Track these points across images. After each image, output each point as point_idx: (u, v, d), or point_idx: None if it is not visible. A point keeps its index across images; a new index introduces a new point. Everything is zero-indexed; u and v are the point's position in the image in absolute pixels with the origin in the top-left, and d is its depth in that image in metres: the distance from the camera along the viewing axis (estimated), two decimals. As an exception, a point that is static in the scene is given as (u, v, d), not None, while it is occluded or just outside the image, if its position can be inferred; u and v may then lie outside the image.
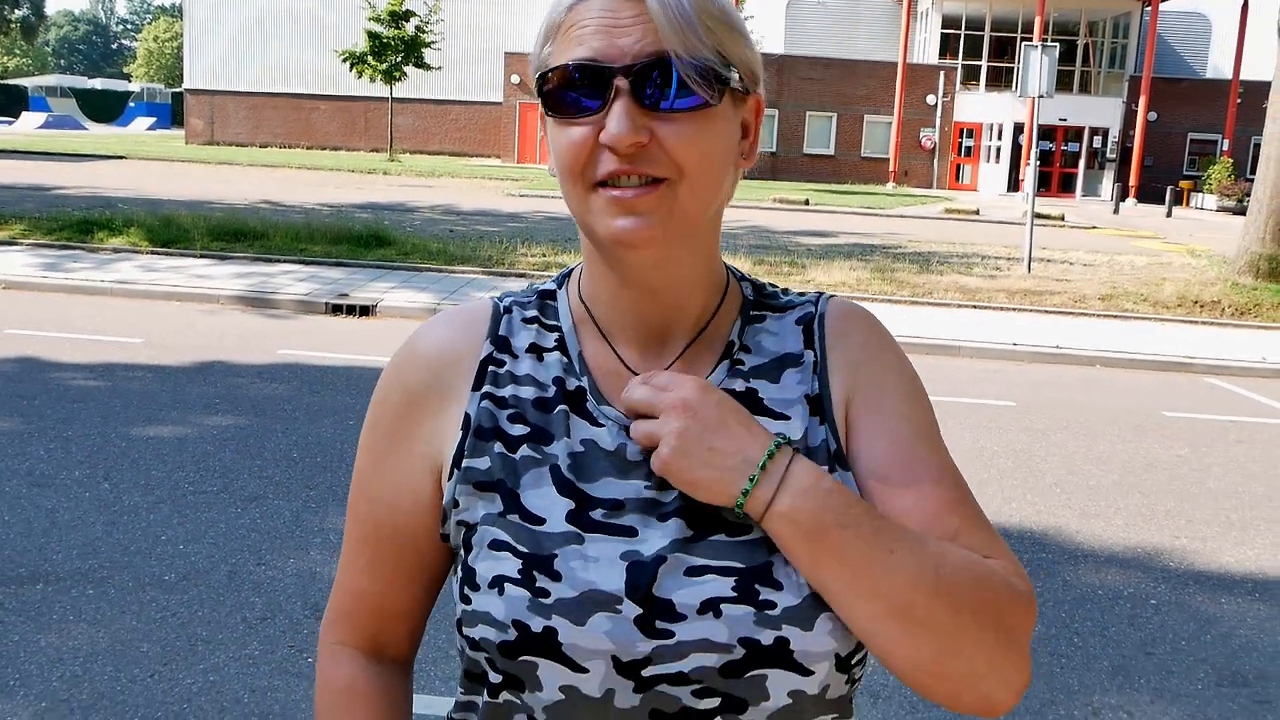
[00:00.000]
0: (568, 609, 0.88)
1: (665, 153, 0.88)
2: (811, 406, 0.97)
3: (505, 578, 0.90)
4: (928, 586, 0.86)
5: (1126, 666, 4.11)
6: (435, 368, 1.00)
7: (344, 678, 1.04)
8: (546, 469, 0.94)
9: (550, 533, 0.91)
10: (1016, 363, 10.01)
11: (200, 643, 3.83)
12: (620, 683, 0.88)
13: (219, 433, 6.30)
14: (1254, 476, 6.80)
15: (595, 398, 0.97)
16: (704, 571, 0.89)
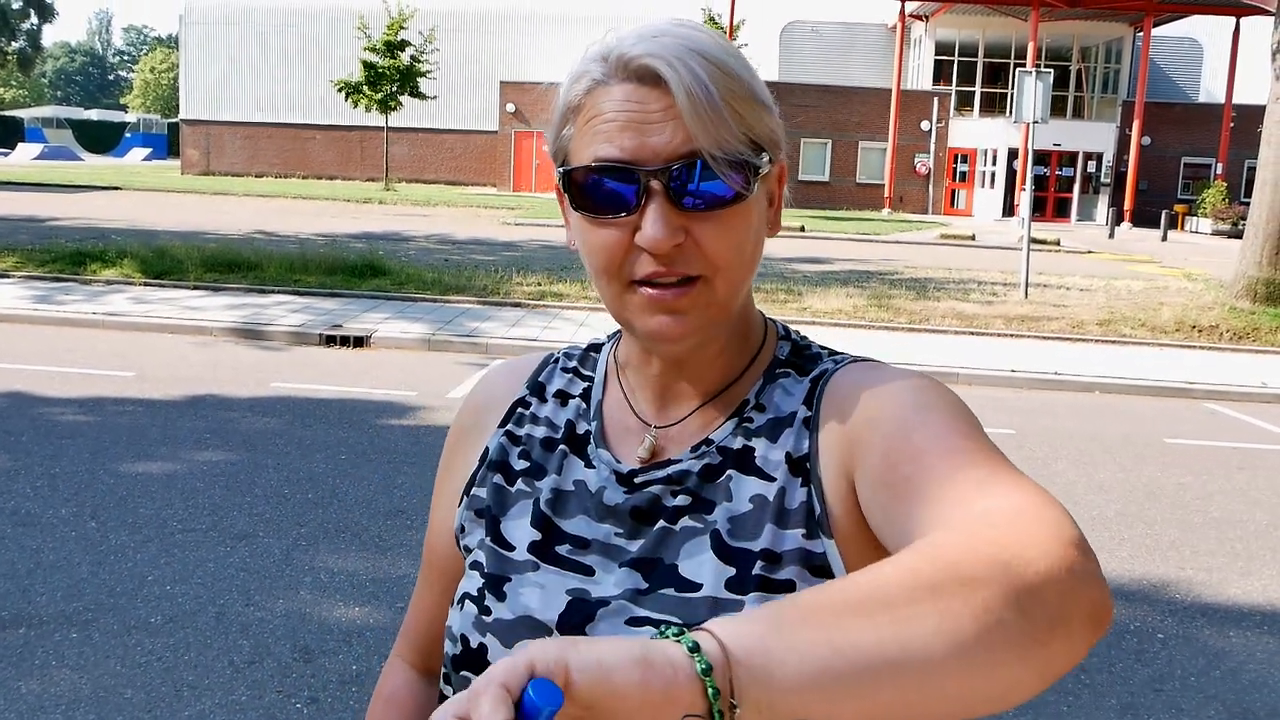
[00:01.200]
0: (500, 629, 0.92)
1: (701, 252, 0.88)
2: (793, 466, 0.92)
3: (468, 595, 0.96)
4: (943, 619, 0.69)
5: (1135, 705, 4.02)
6: (480, 409, 1.09)
7: (389, 687, 1.15)
8: (531, 501, 0.99)
9: (513, 559, 0.96)
10: (1015, 389, 9.95)
11: (186, 688, 3.74)
12: None
13: (209, 468, 6.21)
14: (1258, 504, 6.72)
15: (596, 442, 1.00)
16: (644, 623, 0.88)
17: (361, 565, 4.91)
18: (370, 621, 4.32)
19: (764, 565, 0.89)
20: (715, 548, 0.91)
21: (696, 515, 0.93)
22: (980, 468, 0.78)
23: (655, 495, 0.95)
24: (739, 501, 0.93)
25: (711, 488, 0.94)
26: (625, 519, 0.96)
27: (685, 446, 0.98)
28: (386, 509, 5.69)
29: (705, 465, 0.95)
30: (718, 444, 0.96)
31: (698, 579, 0.90)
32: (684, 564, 0.91)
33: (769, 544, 0.90)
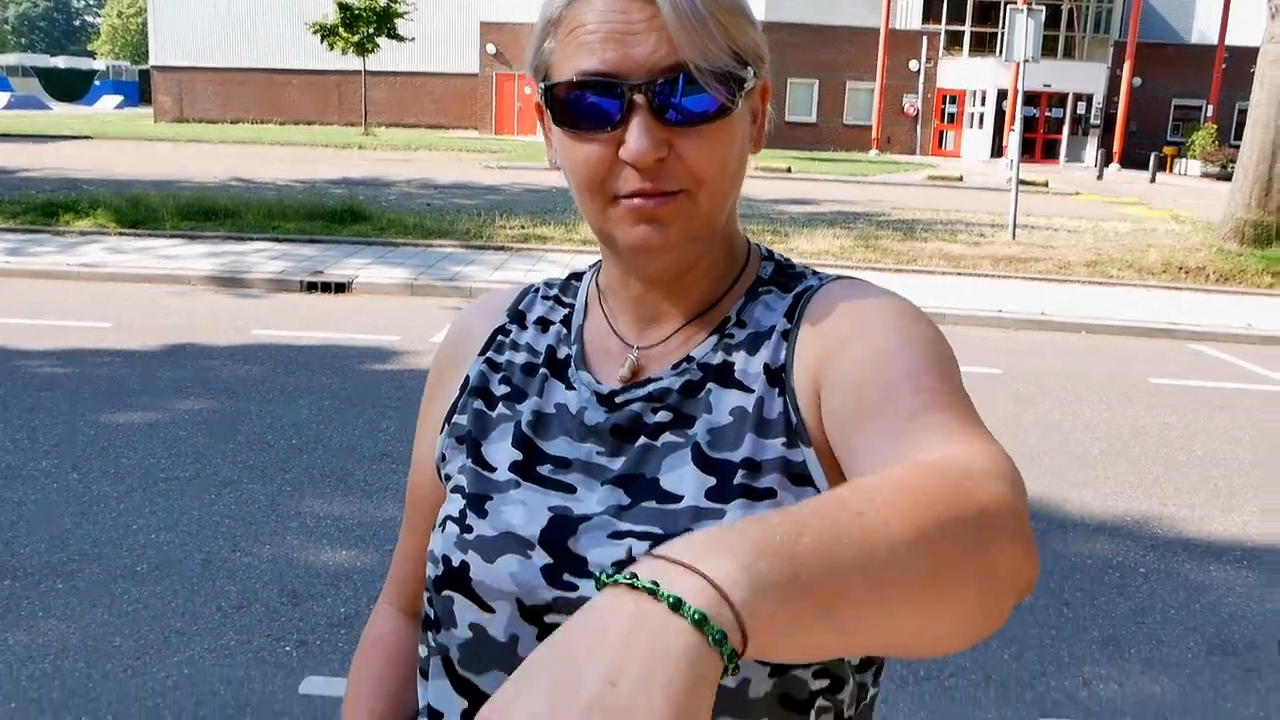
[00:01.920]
0: (482, 546, 0.91)
1: (685, 166, 0.88)
2: (770, 377, 0.93)
3: (449, 517, 0.95)
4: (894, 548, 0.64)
5: (1117, 636, 4.05)
6: (460, 340, 1.08)
7: (377, 632, 1.15)
8: (512, 424, 0.98)
9: (495, 479, 0.95)
10: (1002, 330, 9.96)
11: (174, 635, 3.74)
12: (524, 629, 0.89)
13: (191, 417, 6.18)
14: (1240, 443, 6.76)
15: (577, 365, 1.00)
16: (627, 536, 0.88)
17: (347, 510, 4.91)
18: (357, 565, 4.32)
19: (745, 474, 0.89)
20: (696, 459, 0.91)
21: (677, 430, 0.93)
22: (945, 412, 0.78)
23: (636, 413, 0.95)
24: (719, 414, 0.93)
25: (692, 403, 0.94)
26: (606, 438, 0.95)
27: (666, 365, 0.98)
28: (371, 453, 5.67)
29: (686, 381, 0.95)
30: (698, 360, 0.96)
31: (679, 491, 0.90)
32: (665, 477, 0.91)
33: (750, 453, 0.90)
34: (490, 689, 0.92)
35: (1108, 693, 3.64)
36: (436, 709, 0.97)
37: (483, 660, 0.92)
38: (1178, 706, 3.57)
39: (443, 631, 0.95)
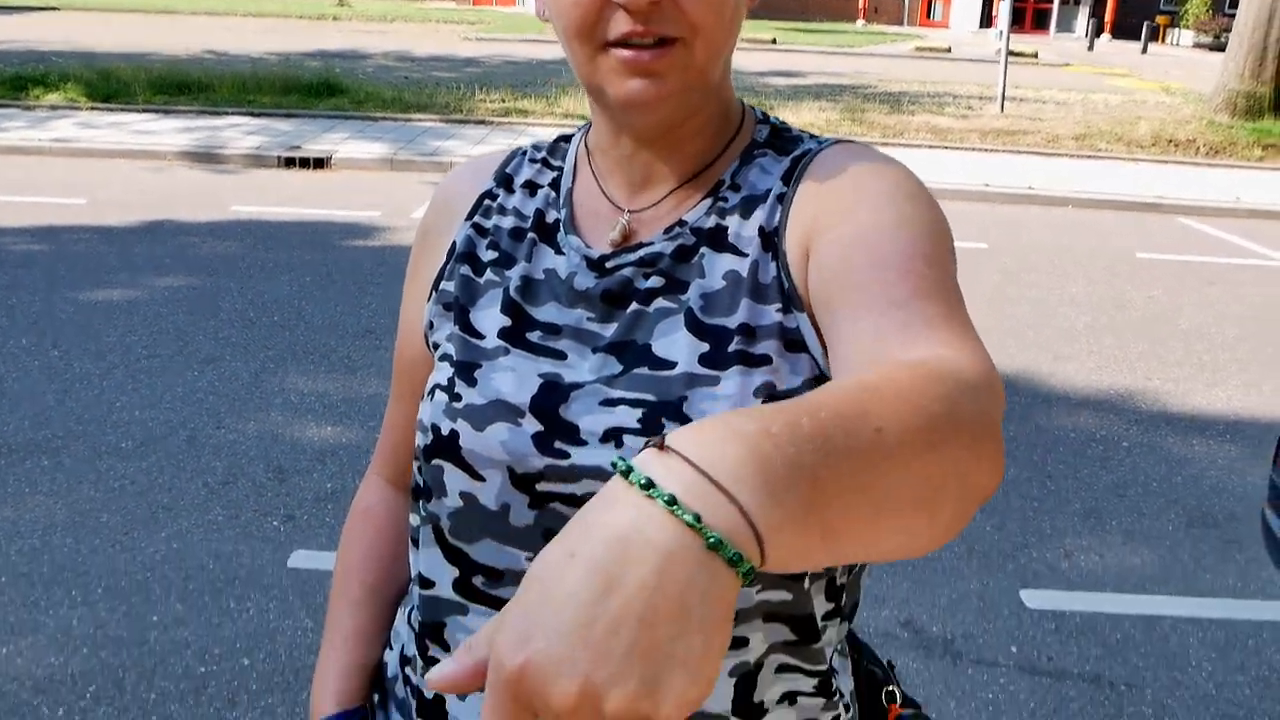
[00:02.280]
0: (472, 414, 0.89)
1: (680, 11, 0.82)
2: (764, 241, 0.89)
3: (437, 385, 0.93)
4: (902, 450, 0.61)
5: (1098, 509, 4.10)
6: (445, 205, 1.03)
7: (366, 503, 1.13)
8: (500, 290, 0.95)
9: (483, 346, 0.92)
10: (989, 204, 9.88)
11: (161, 510, 3.74)
12: (516, 497, 0.87)
13: (171, 294, 6.10)
14: (1226, 318, 6.77)
15: (566, 229, 0.96)
16: (619, 403, 0.86)
17: (331, 386, 4.88)
18: (343, 440, 4.32)
19: (741, 340, 0.86)
20: (689, 325, 0.88)
21: (670, 296, 0.90)
22: (934, 304, 0.75)
23: (627, 278, 0.92)
24: (712, 279, 0.89)
25: (685, 268, 0.91)
26: (597, 303, 0.92)
27: (658, 229, 0.94)
28: (355, 330, 5.63)
29: (678, 246, 0.92)
30: (691, 225, 0.92)
31: (671, 357, 0.87)
32: (657, 343, 0.88)
33: (746, 319, 0.87)
34: (481, 558, 0.91)
35: (1088, 564, 3.69)
36: (428, 577, 0.95)
37: (474, 529, 0.91)
38: (1158, 578, 3.63)
39: (433, 500, 0.93)
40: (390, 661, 1.08)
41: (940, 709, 2.87)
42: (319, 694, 1.08)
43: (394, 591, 1.12)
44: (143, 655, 2.95)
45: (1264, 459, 4.64)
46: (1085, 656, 3.14)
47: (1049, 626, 3.29)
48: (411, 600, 1.01)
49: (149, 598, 3.22)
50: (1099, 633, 3.27)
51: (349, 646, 1.08)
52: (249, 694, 2.81)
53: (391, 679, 1.07)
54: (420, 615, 0.97)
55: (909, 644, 3.16)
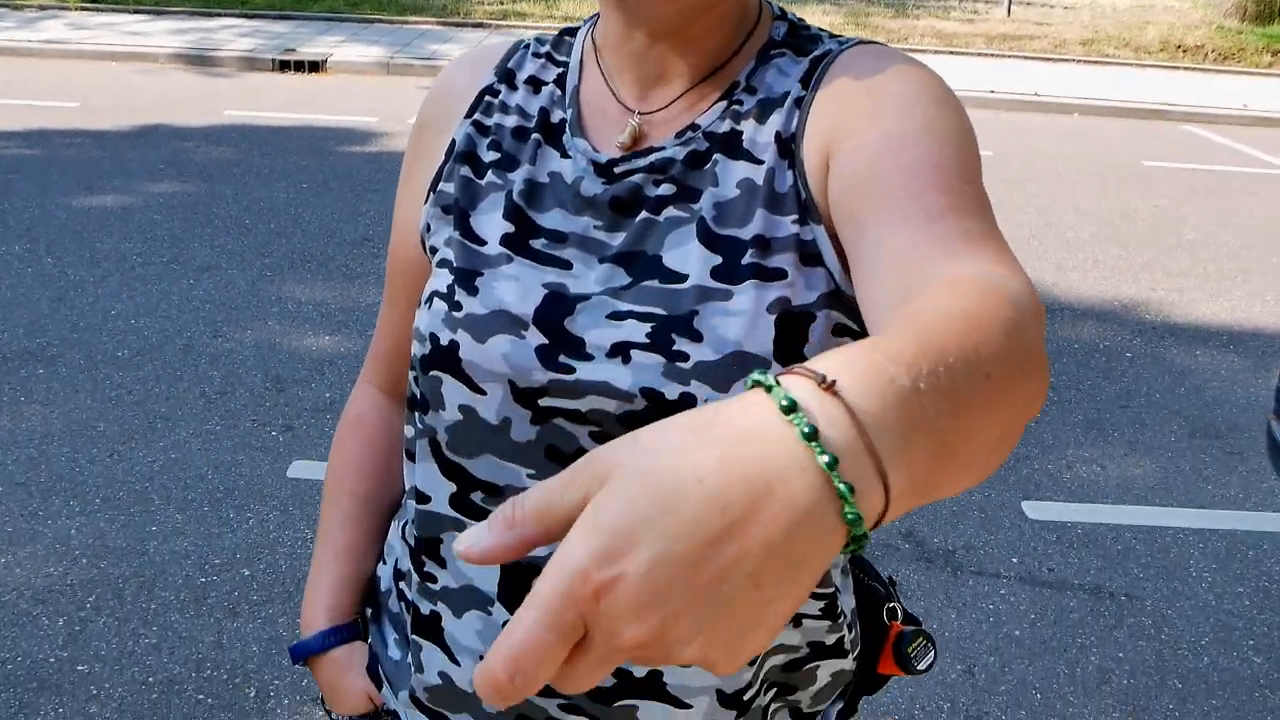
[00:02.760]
0: (473, 324, 0.85)
1: None
2: (781, 148, 0.84)
3: (436, 293, 0.88)
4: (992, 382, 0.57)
5: (1101, 420, 4.09)
6: (444, 99, 0.97)
7: (357, 410, 1.09)
8: (503, 194, 0.90)
9: (485, 253, 0.88)
10: (994, 110, 9.72)
11: (159, 420, 3.72)
12: (517, 412, 0.84)
13: (165, 200, 6.01)
14: (1230, 227, 6.69)
15: (572, 130, 0.90)
16: (627, 317, 0.82)
17: (329, 294, 4.83)
18: (341, 350, 4.28)
19: (756, 253, 0.82)
20: (701, 236, 0.83)
21: (682, 204, 0.85)
22: (972, 219, 0.70)
23: (637, 185, 0.86)
24: (726, 187, 0.84)
25: (698, 175, 0.85)
26: (604, 211, 0.87)
27: (669, 133, 0.88)
28: (352, 237, 5.56)
29: (691, 152, 0.86)
30: (704, 129, 0.86)
31: (683, 269, 0.82)
32: (668, 255, 0.83)
33: (761, 230, 0.82)
34: (480, 473, 0.88)
35: (1090, 475, 3.69)
36: (424, 492, 0.92)
37: (473, 444, 0.87)
38: (1159, 488, 3.63)
39: (430, 413, 0.89)
40: (383, 575, 1.05)
41: (941, 620, 2.88)
42: (310, 609, 1.05)
43: (387, 503, 1.09)
44: (142, 565, 2.95)
45: (1266, 370, 4.62)
46: (1086, 567, 3.15)
47: (1050, 538, 3.29)
48: (406, 514, 0.98)
49: (148, 508, 3.21)
50: (1100, 544, 3.27)
51: (340, 560, 1.06)
52: (249, 604, 2.82)
53: (385, 593, 1.04)
54: (416, 530, 0.94)
55: (910, 556, 3.16)
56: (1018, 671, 2.70)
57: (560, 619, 0.39)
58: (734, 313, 0.80)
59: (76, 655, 2.60)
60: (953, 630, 2.84)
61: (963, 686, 2.64)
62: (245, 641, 2.67)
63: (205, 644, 2.66)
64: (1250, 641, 2.86)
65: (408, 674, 0.99)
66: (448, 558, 0.92)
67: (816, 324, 0.81)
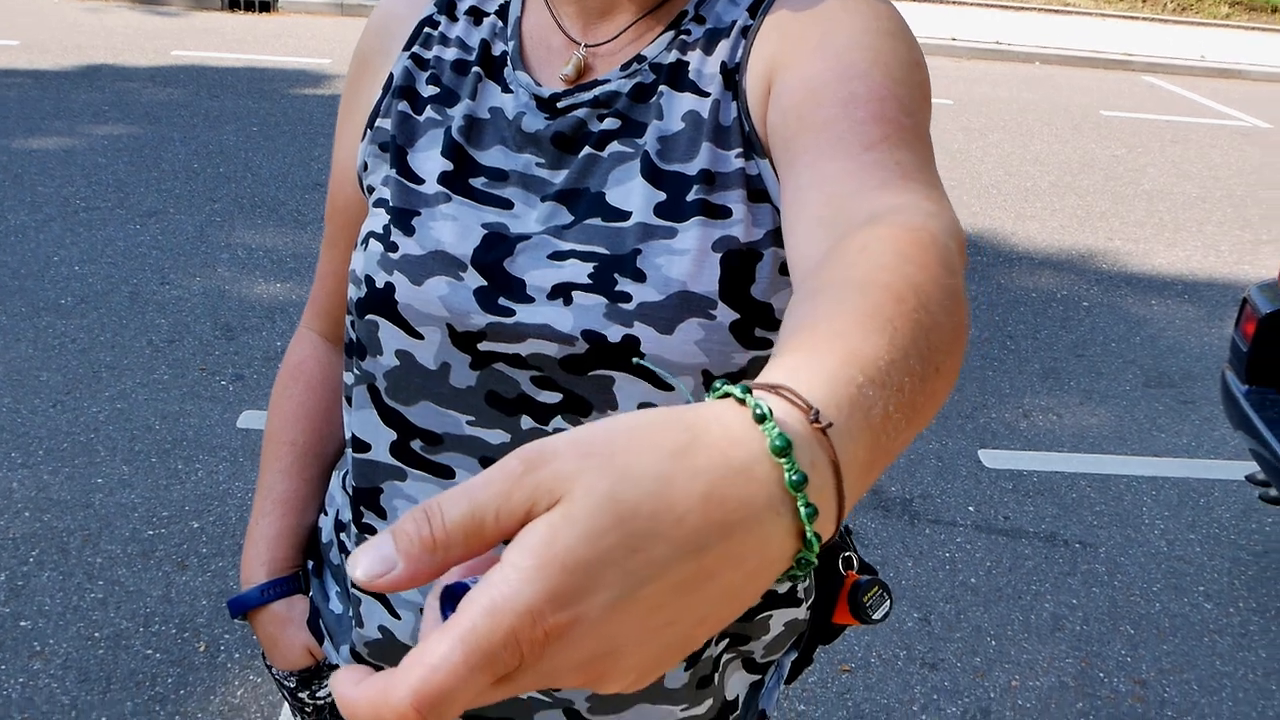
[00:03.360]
0: (409, 266, 0.82)
1: None
2: (726, 79, 0.81)
3: (372, 233, 0.85)
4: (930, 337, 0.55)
5: (1057, 369, 4.10)
6: (382, 32, 0.93)
7: (297, 357, 1.06)
8: (442, 131, 0.86)
9: (422, 192, 0.84)
10: (954, 59, 9.67)
11: (104, 369, 3.63)
12: (456, 356, 0.82)
13: (110, 143, 5.85)
14: (1188, 177, 6.72)
15: (514, 64, 0.87)
16: (568, 257, 0.79)
17: (280, 240, 4.73)
18: (292, 297, 4.19)
19: (702, 189, 0.78)
20: (644, 171, 0.79)
21: (626, 140, 0.81)
22: (905, 151, 0.68)
23: (580, 120, 0.83)
24: (670, 120, 0.81)
25: (642, 108, 0.82)
26: (547, 147, 0.83)
27: (615, 65, 0.84)
28: (304, 182, 5.44)
29: (636, 85, 0.82)
30: (650, 61, 0.83)
31: (626, 206, 0.79)
32: (611, 191, 0.80)
33: (707, 164, 0.79)
34: (420, 421, 0.85)
35: (1046, 424, 3.70)
36: (363, 440, 0.89)
37: (411, 390, 0.84)
38: (1114, 437, 3.65)
39: (368, 358, 0.86)
40: (325, 527, 1.03)
41: (898, 568, 2.88)
42: (249, 561, 1.02)
43: (328, 452, 1.06)
44: (88, 518, 2.89)
45: (1220, 319, 4.66)
46: (1041, 515, 3.16)
47: (1006, 486, 3.30)
48: (346, 464, 0.95)
49: (93, 459, 3.14)
50: (1055, 492, 3.29)
51: (280, 512, 1.03)
52: (199, 557, 2.76)
53: (326, 545, 1.02)
54: (355, 480, 0.90)
55: (867, 504, 3.16)
56: (973, 619, 2.71)
57: (496, 659, 0.34)
58: (679, 251, 0.77)
59: (19, 610, 2.54)
60: (909, 578, 2.84)
61: (919, 634, 2.64)
62: (194, 595, 2.63)
63: (153, 598, 2.61)
64: (1200, 587, 2.89)
65: (349, 628, 0.96)
66: (388, 508, 0.89)
67: (764, 263, 0.79)
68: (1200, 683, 2.55)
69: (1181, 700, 2.49)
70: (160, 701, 2.31)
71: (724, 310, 0.77)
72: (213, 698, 2.32)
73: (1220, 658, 2.64)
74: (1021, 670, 2.55)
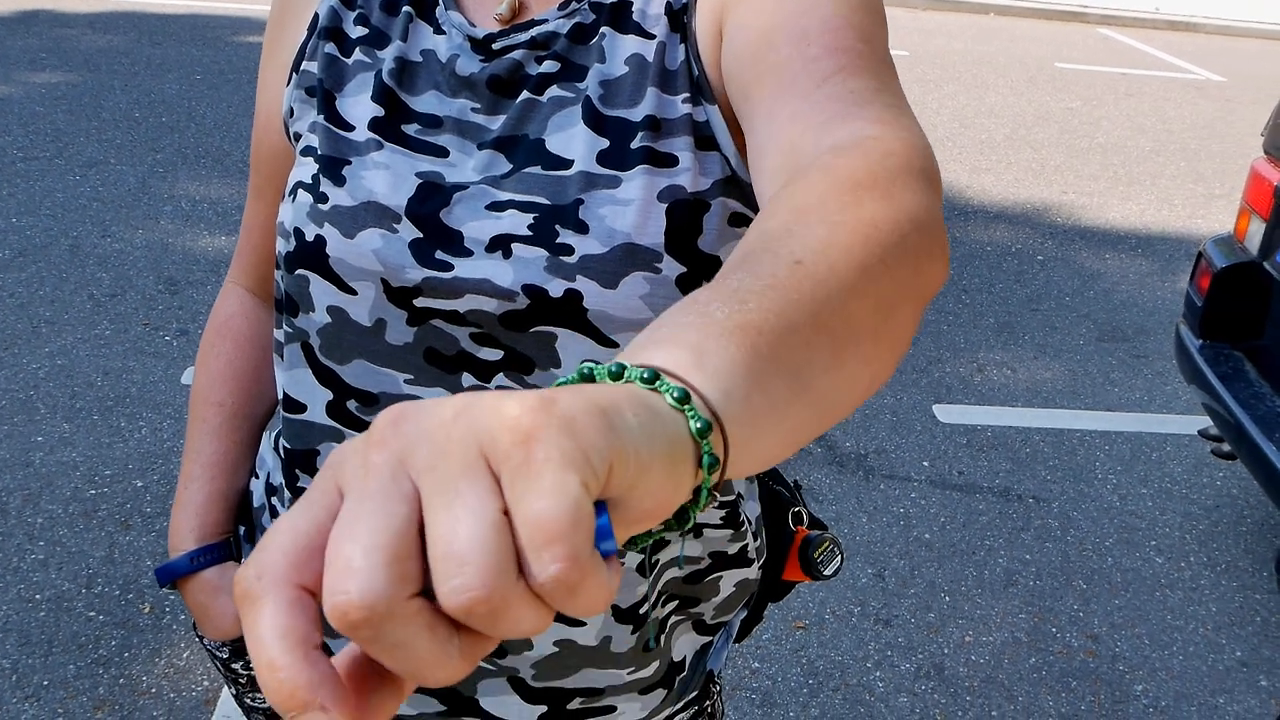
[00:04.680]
0: (340, 218, 0.77)
1: None
2: (672, 20, 0.77)
3: (300, 183, 0.81)
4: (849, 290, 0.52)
5: (1012, 323, 4.11)
6: None
7: (224, 314, 1.00)
8: (372, 74, 0.81)
9: (352, 139, 0.80)
10: (909, 10, 9.62)
11: (44, 324, 3.53)
12: (392, 312, 0.78)
13: (48, 91, 5.67)
14: (1143, 130, 6.74)
15: (446, 3, 0.82)
16: (507, 207, 0.75)
17: (225, 192, 4.61)
18: (239, 253, 4.10)
19: (647, 135, 0.75)
20: (586, 117, 0.76)
21: (566, 84, 0.77)
22: (862, 78, 0.65)
23: (517, 62, 0.78)
24: (613, 64, 0.77)
25: (583, 50, 0.78)
26: (483, 92, 0.79)
27: (553, 4, 0.80)
28: (249, 132, 5.29)
29: (575, 25, 0.78)
30: None
31: (567, 154, 0.75)
32: (551, 138, 0.76)
33: (653, 110, 0.75)
34: (354, 380, 0.81)
35: (1000, 378, 3.71)
36: (296, 400, 0.85)
37: (345, 347, 0.81)
38: (1067, 391, 3.66)
39: (300, 315, 0.82)
40: (256, 490, 0.98)
41: (853, 524, 2.88)
42: (178, 528, 0.97)
43: (259, 413, 1.01)
44: (28, 478, 2.81)
45: (1174, 273, 4.68)
46: (995, 470, 3.17)
47: (960, 441, 3.30)
48: (278, 424, 0.91)
49: (33, 417, 3.05)
50: (1009, 446, 3.30)
51: (208, 476, 0.98)
52: (142, 516, 2.70)
53: (258, 509, 0.98)
54: (288, 441, 0.86)
55: (822, 460, 3.15)
56: (927, 574, 2.71)
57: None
58: (623, 201, 0.73)
59: (-43, 572, 2.47)
60: (863, 534, 2.84)
61: (873, 590, 2.64)
62: (138, 556, 2.57)
63: (96, 559, 2.55)
64: (1152, 542, 2.92)
65: None
66: None
67: (711, 213, 0.75)
68: (1151, 637, 2.58)
69: (1133, 654, 2.52)
70: (104, 664, 2.25)
71: (670, 263, 0.74)
72: (158, 660, 2.28)
73: (1171, 612, 2.67)
74: (975, 626, 2.56)
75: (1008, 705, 2.34)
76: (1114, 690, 2.41)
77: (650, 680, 0.89)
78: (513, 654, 0.83)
